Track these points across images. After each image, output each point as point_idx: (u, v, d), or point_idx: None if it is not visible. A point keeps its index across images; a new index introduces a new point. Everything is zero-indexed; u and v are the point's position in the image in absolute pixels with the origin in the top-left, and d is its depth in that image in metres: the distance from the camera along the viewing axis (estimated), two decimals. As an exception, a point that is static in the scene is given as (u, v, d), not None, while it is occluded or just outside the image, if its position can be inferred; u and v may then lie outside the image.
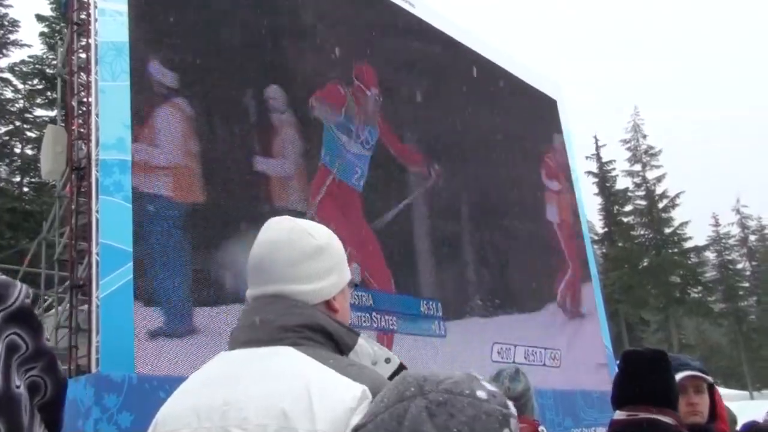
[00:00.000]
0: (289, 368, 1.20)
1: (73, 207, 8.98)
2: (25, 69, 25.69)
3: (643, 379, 2.34)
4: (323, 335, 1.29)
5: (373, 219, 11.27)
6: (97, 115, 8.39)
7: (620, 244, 38.32)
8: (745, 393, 33.08)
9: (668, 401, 2.30)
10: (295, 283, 1.33)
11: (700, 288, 38.18)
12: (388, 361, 1.31)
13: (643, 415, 2.27)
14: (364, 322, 10.14)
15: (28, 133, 26.04)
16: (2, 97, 25.75)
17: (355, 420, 1.04)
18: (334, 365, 1.21)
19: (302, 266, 1.34)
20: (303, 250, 1.35)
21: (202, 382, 1.30)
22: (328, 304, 1.37)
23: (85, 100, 9.21)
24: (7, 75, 25.57)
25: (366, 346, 1.33)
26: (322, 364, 1.20)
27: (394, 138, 12.19)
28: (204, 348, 8.22)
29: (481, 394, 0.92)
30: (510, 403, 0.94)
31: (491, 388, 0.93)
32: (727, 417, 3.24)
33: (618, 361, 2.52)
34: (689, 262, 37.52)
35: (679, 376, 2.50)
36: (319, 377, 1.17)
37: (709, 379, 2.60)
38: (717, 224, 42.40)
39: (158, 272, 8.22)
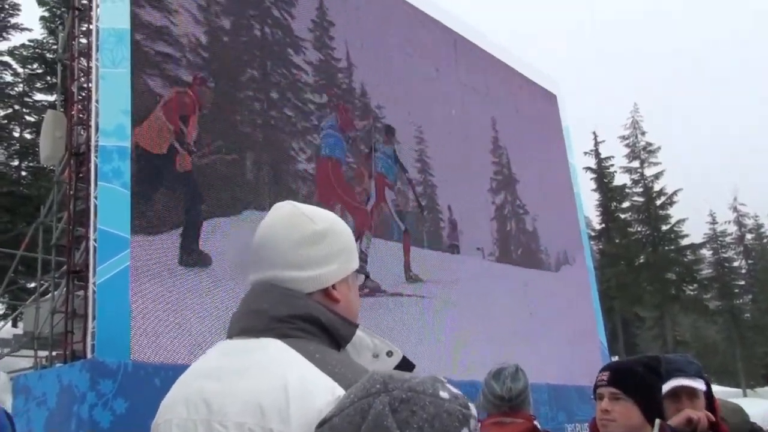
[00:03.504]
0: (272, 364, 1.16)
1: (71, 192, 8.97)
2: (25, 53, 25.59)
3: None
4: (316, 327, 1.23)
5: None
6: (97, 101, 8.38)
7: (617, 241, 38.30)
8: (739, 391, 33.21)
9: None
10: (290, 269, 1.28)
11: (695, 285, 38.17)
12: (390, 354, 1.27)
13: None
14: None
15: (27, 117, 25.97)
16: (2, 80, 25.66)
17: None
18: (320, 362, 1.15)
19: (298, 252, 1.29)
20: (300, 235, 1.30)
21: (197, 372, 1.27)
22: (327, 293, 1.30)
23: (85, 85, 9.20)
24: (7, 59, 25.50)
25: (365, 339, 1.28)
26: (306, 360, 1.15)
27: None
28: (199, 336, 8.24)
29: (443, 394, 0.95)
30: (471, 405, 0.98)
31: (454, 390, 0.97)
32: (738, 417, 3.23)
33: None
34: (685, 259, 37.48)
35: (672, 384, 2.49)
36: (299, 375, 1.13)
37: (702, 387, 2.56)
38: (714, 222, 42.48)
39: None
